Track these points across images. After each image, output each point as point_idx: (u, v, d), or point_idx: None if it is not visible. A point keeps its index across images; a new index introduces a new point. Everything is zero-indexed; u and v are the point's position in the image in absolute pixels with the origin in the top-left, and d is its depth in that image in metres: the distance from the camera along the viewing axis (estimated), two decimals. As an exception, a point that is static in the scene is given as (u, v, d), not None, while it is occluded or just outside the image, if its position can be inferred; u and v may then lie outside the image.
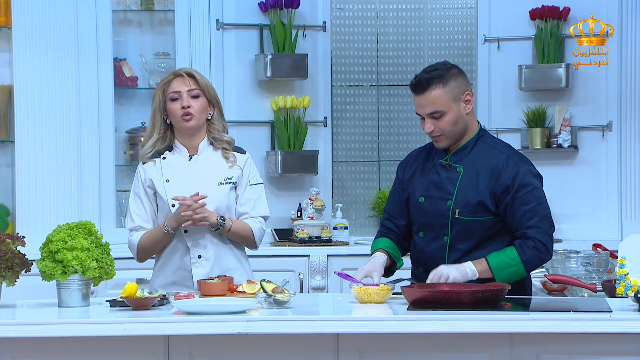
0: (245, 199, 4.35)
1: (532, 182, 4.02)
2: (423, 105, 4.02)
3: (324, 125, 6.57)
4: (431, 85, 3.99)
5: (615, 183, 6.45)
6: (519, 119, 6.54)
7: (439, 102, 3.99)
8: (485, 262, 3.93)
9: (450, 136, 4.04)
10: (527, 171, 4.03)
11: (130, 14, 6.43)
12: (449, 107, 4.00)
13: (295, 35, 6.39)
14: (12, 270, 3.67)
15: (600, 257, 4.36)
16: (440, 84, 3.99)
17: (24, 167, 6.03)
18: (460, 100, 4.02)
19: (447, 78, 4.00)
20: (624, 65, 6.37)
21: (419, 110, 4.04)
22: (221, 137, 4.35)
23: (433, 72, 4.02)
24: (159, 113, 4.31)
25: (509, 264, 3.94)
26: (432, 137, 4.06)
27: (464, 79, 4.05)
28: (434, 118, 4.01)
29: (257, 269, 4.58)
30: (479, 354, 3.54)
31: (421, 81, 4.01)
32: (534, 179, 4.04)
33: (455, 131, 4.04)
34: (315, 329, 3.49)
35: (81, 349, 3.53)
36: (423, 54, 6.90)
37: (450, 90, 4.00)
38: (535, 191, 4.02)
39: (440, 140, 4.05)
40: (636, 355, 3.47)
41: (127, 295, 3.66)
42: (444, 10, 6.89)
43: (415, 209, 4.12)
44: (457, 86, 4.01)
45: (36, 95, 6.03)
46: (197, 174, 4.29)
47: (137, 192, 4.33)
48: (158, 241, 4.27)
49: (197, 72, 4.37)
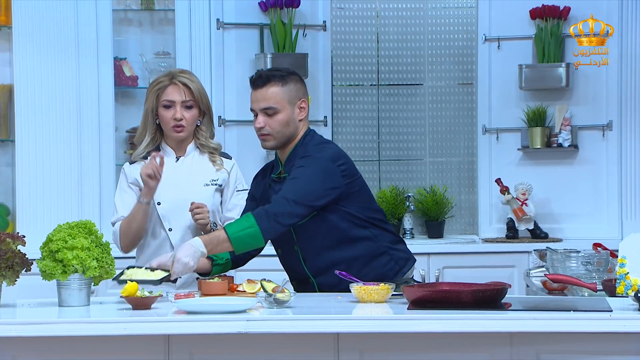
0: (232, 205, 4.38)
1: (309, 157, 4.03)
2: (258, 100, 4.08)
3: (324, 124, 6.57)
4: (270, 82, 4.07)
5: (615, 182, 6.45)
6: (519, 118, 6.53)
7: (274, 99, 4.06)
8: (221, 232, 3.91)
9: (278, 137, 4.09)
10: (314, 149, 4.06)
11: (131, 14, 6.43)
12: (283, 107, 4.07)
13: (295, 34, 6.39)
14: (12, 269, 3.67)
15: (601, 256, 4.36)
16: (279, 82, 4.07)
17: (24, 166, 6.03)
18: (295, 104, 4.10)
19: (287, 80, 4.09)
20: (624, 65, 6.37)
21: (254, 105, 4.10)
22: (208, 143, 4.39)
23: (274, 72, 4.11)
24: (151, 115, 4.34)
25: (244, 226, 3.89)
26: (260, 135, 4.10)
27: (303, 87, 4.15)
28: (267, 115, 4.07)
29: (257, 269, 4.58)
30: (479, 353, 3.54)
31: (261, 76, 4.09)
32: (314, 155, 4.04)
33: (284, 133, 4.08)
34: (316, 329, 3.49)
35: (81, 348, 3.53)
36: (423, 54, 6.91)
37: (287, 91, 4.08)
38: (307, 163, 4.02)
39: (267, 139, 4.10)
40: (636, 355, 3.47)
41: (127, 294, 3.67)
42: (444, 10, 6.89)
43: None
44: (295, 90, 4.10)
45: (36, 94, 6.03)
46: (184, 174, 4.32)
47: (122, 188, 4.38)
48: (133, 216, 4.25)
49: (192, 78, 4.36)
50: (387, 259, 4.14)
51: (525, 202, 6.44)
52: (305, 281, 4.13)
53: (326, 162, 4.03)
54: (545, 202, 6.54)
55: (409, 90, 6.92)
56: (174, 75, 4.35)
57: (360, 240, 4.11)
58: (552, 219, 6.55)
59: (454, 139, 6.90)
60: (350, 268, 4.02)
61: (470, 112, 6.83)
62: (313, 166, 4.01)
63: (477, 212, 6.66)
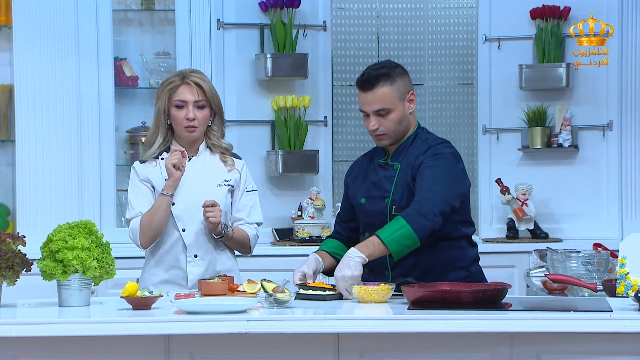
0: (242, 205, 4.36)
1: (439, 155, 4.01)
2: (370, 102, 4.04)
3: (324, 124, 6.57)
4: (379, 82, 4.02)
5: (615, 182, 6.45)
6: (520, 118, 6.54)
7: (386, 99, 4.02)
8: (374, 238, 3.87)
9: (393, 135, 4.07)
10: (440, 147, 4.04)
11: (131, 14, 6.43)
12: (395, 105, 4.04)
13: (295, 34, 6.39)
14: (12, 269, 3.67)
15: (601, 256, 4.36)
16: (387, 81, 4.02)
17: (24, 166, 6.04)
18: (405, 99, 4.06)
19: (394, 76, 4.04)
20: (624, 65, 6.37)
21: (365, 107, 4.06)
22: (220, 144, 4.35)
23: (380, 70, 4.05)
24: (163, 115, 4.29)
25: (396, 228, 3.85)
26: (375, 135, 4.08)
27: (408, 78, 4.11)
28: (380, 115, 4.04)
29: (258, 269, 4.59)
30: (479, 353, 3.54)
31: (369, 78, 4.04)
32: (445, 153, 4.02)
33: (399, 130, 4.07)
34: (316, 329, 3.50)
35: (82, 348, 3.53)
36: (423, 54, 6.91)
37: (397, 89, 4.04)
38: (440, 163, 3.99)
39: (382, 139, 4.08)
40: (636, 355, 3.47)
41: (128, 294, 3.66)
42: (444, 10, 6.90)
43: (359, 210, 4.16)
44: (403, 85, 4.06)
45: (37, 94, 6.03)
46: (197, 174, 4.29)
47: (135, 185, 4.31)
48: (156, 210, 4.20)
49: (204, 78, 4.32)
50: (464, 274, 4.08)
51: (525, 202, 6.44)
52: (381, 273, 4.05)
53: (454, 162, 4.02)
54: (545, 202, 6.54)
55: (409, 91, 6.91)
56: (185, 75, 4.30)
57: (449, 249, 4.07)
58: (553, 219, 6.55)
59: (454, 139, 6.89)
60: (427, 273, 3.98)
61: (471, 112, 6.84)
62: (446, 166, 3.98)
63: (478, 212, 6.66)
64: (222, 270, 4.28)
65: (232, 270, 4.33)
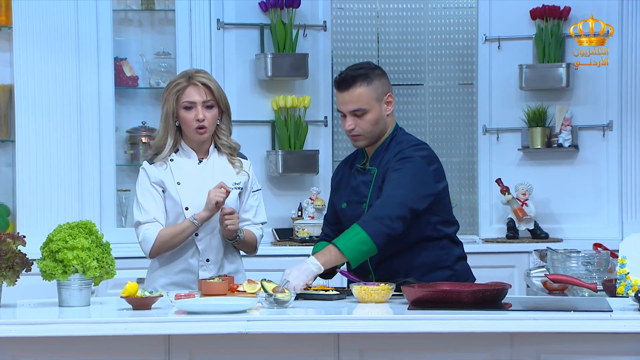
0: (248, 206, 4.35)
1: (407, 158, 3.98)
2: (346, 102, 4.04)
3: (324, 124, 6.58)
4: (356, 83, 4.02)
5: (615, 183, 6.45)
6: (520, 118, 6.53)
7: (362, 100, 4.02)
8: (331, 246, 3.87)
9: (369, 136, 4.07)
10: (409, 150, 4.01)
11: (131, 14, 6.43)
12: (372, 106, 4.03)
13: (295, 34, 6.39)
14: (12, 269, 3.67)
15: (601, 256, 4.36)
16: (364, 82, 4.02)
17: (24, 166, 6.03)
18: (382, 100, 4.06)
19: (372, 77, 4.03)
20: (624, 65, 6.37)
21: (342, 107, 4.06)
22: (229, 143, 4.31)
23: (359, 70, 4.04)
24: (171, 118, 4.24)
25: (352, 235, 3.85)
26: (351, 136, 4.08)
27: (387, 80, 4.10)
28: (356, 116, 4.03)
29: (258, 269, 4.58)
30: (479, 353, 3.54)
31: (346, 78, 4.03)
32: (413, 157, 3.99)
33: (375, 131, 4.06)
34: (316, 329, 3.49)
35: (82, 348, 3.53)
36: (423, 54, 6.91)
37: (374, 89, 4.03)
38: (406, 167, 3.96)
39: (358, 139, 4.08)
40: (636, 355, 3.47)
41: (128, 294, 3.66)
42: (444, 10, 6.90)
43: (341, 215, 4.17)
44: (380, 86, 4.05)
45: (37, 94, 6.03)
46: (208, 178, 4.25)
47: (146, 187, 4.25)
48: (179, 233, 4.18)
49: (211, 78, 4.29)
50: (449, 274, 4.08)
51: (525, 202, 6.44)
52: (365, 276, 4.05)
53: (423, 165, 3.99)
54: (545, 202, 6.54)
55: (409, 91, 6.92)
56: (191, 76, 4.25)
57: (431, 249, 4.07)
58: (553, 219, 6.55)
59: (454, 139, 6.90)
60: (411, 273, 3.97)
61: (471, 112, 6.83)
62: (412, 169, 3.97)
63: (478, 212, 6.66)
64: (230, 272, 4.27)
65: (239, 271, 4.32)
